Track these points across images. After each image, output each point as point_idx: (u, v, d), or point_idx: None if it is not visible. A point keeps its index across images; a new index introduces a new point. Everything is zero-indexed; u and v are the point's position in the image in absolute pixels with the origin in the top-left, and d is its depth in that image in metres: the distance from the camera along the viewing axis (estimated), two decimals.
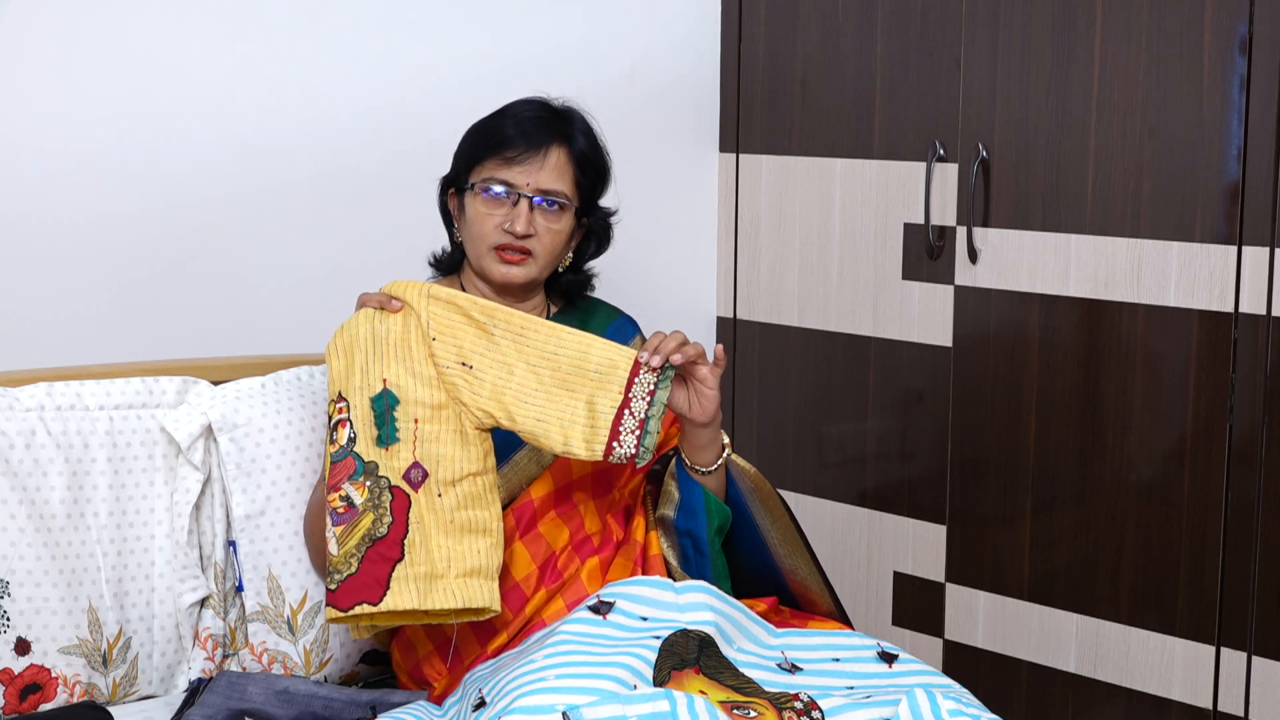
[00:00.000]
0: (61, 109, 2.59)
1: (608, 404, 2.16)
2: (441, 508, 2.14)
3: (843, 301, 3.21)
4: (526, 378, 2.17)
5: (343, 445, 2.12)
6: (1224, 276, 2.68)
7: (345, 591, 2.08)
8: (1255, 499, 2.70)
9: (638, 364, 2.17)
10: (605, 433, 2.15)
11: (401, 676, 2.35)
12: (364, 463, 2.12)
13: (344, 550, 2.09)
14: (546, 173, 2.33)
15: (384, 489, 2.12)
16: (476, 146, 2.37)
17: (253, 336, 2.77)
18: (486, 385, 2.17)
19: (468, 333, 2.18)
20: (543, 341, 2.18)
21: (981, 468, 3.03)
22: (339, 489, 2.12)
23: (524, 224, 2.31)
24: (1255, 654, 2.72)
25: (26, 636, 2.20)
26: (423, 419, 2.15)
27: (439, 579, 2.11)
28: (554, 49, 3.10)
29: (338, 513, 2.11)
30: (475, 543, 2.15)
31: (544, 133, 2.34)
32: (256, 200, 2.79)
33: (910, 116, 3.05)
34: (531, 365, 2.17)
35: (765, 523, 2.33)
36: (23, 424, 2.27)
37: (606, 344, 2.19)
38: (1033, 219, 2.90)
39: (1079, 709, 2.95)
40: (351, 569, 2.09)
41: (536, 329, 2.18)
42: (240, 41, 2.75)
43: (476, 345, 2.18)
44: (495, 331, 2.18)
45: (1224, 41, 2.64)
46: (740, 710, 1.93)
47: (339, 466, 2.12)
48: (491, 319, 2.18)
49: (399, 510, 2.11)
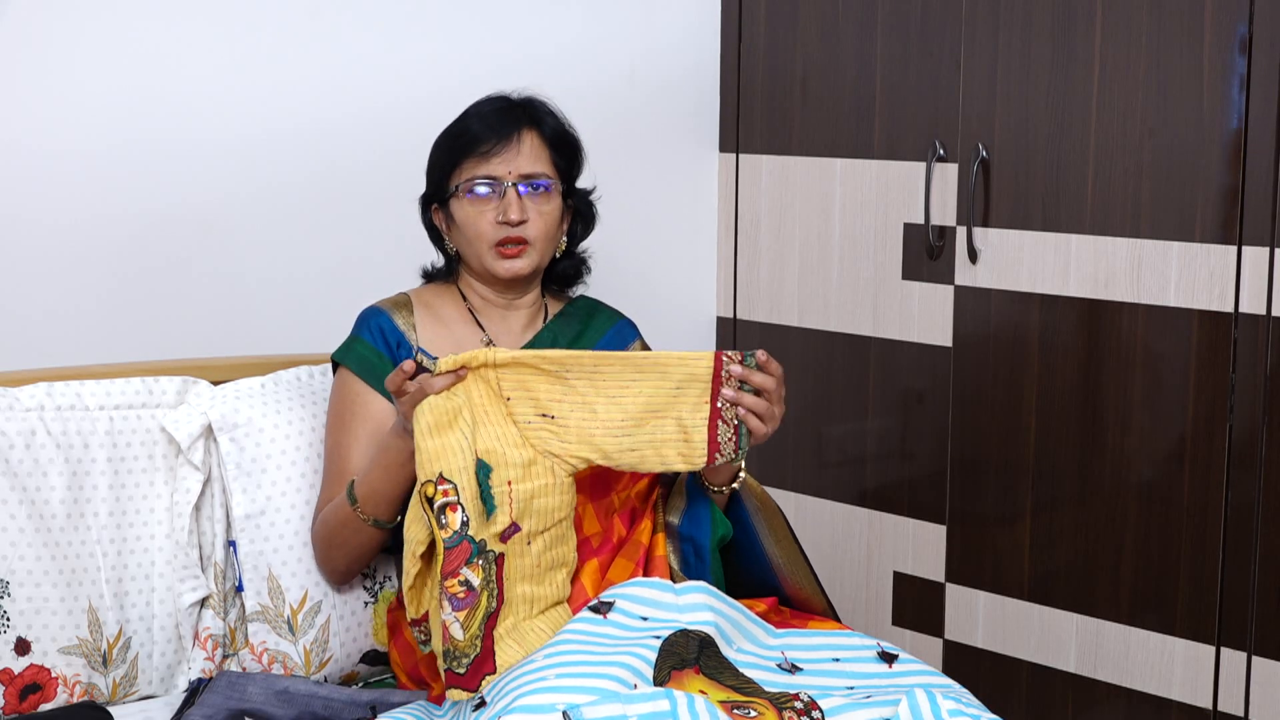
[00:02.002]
0: (61, 109, 2.59)
1: (698, 417, 2.15)
2: (528, 553, 2.13)
3: (843, 301, 3.21)
4: (611, 412, 2.15)
5: (456, 530, 2.07)
6: (1224, 276, 2.68)
7: (473, 673, 2.06)
8: (1255, 499, 2.70)
9: (719, 360, 2.15)
10: (703, 446, 2.15)
11: (401, 676, 2.35)
12: (476, 544, 2.08)
13: (469, 635, 2.06)
14: (524, 158, 2.34)
15: (491, 562, 2.10)
16: (449, 152, 2.37)
17: (253, 336, 2.77)
18: (573, 431, 2.15)
19: (540, 384, 2.15)
20: (618, 373, 2.15)
21: (981, 468, 3.03)
22: (458, 574, 2.07)
23: (517, 210, 2.32)
24: (1255, 654, 2.72)
25: (26, 636, 2.20)
26: (515, 480, 2.12)
27: (524, 620, 2.12)
28: (554, 49, 3.10)
29: (458, 598, 2.06)
30: (555, 576, 2.16)
31: (511, 121, 2.36)
32: (256, 200, 2.79)
33: (910, 116, 3.05)
34: (612, 398, 2.15)
35: (770, 543, 2.35)
36: (23, 424, 2.27)
37: (681, 356, 2.15)
38: (1033, 219, 2.90)
39: (1079, 709, 2.95)
40: (476, 650, 2.06)
41: (610, 362, 2.15)
42: (239, 41, 2.75)
43: (552, 393, 2.15)
44: (569, 376, 2.14)
45: (1224, 41, 2.64)
46: (740, 710, 1.93)
47: (454, 552, 2.07)
48: (562, 366, 2.14)
49: (500, 578, 2.10)
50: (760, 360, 2.17)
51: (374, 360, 2.36)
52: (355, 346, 2.38)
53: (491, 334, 2.42)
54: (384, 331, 2.38)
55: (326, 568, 2.35)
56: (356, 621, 2.40)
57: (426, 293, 2.45)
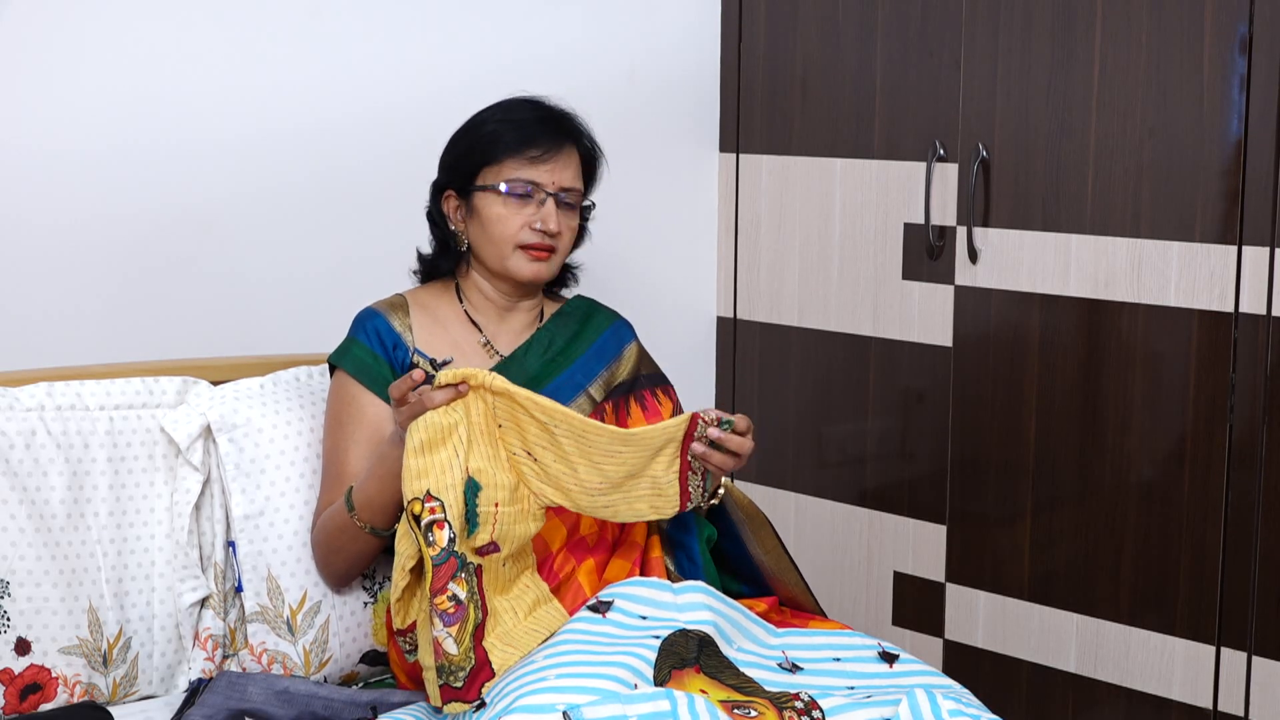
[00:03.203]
0: (61, 109, 2.59)
1: (671, 473, 2.17)
2: (502, 573, 2.16)
3: (843, 301, 3.21)
4: (590, 475, 2.16)
5: (444, 548, 2.08)
6: (1224, 276, 2.68)
7: (470, 684, 2.07)
8: (1255, 499, 2.70)
9: (695, 421, 2.16)
10: (675, 499, 2.19)
11: (401, 677, 2.35)
12: (461, 558, 2.10)
13: (463, 649, 2.07)
14: (569, 171, 2.36)
15: (472, 574, 2.11)
16: (490, 145, 2.36)
17: (252, 337, 2.77)
18: (550, 476, 2.17)
19: (529, 425, 2.15)
20: (605, 444, 2.15)
21: (981, 467, 3.03)
22: (445, 590, 2.08)
23: (555, 221, 2.33)
24: (1255, 654, 2.72)
25: (27, 636, 2.19)
26: (502, 502, 2.13)
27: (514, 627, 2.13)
28: (554, 49, 3.10)
29: (448, 614, 2.07)
30: (521, 580, 2.18)
31: (561, 131, 2.37)
32: (256, 200, 2.79)
33: (910, 116, 3.05)
34: (594, 464, 2.16)
35: (758, 551, 2.37)
36: (23, 424, 2.27)
37: (664, 427, 2.16)
38: (1033, 219, 2.90)
39: (1079, 709, 2.95)
40: (470, 662, 2.07)
41: (598, 433, 2.14)
42: (239, 41, 2.75)
43: (540, 439, 2.15)
44: (556, 431, 2.14)
45: (1224, 41, 2.64)
46: (741, 710, 1.93)
47: (442, 569, 2.08)
48: (552, 419, 2.14)
49: (481, 590, 2.12)
50: (740, 428, 2.19)
51: (370, 363, 2.35)
52: (352, 349, 2.38)
53: (489, 335, 2.42)
54: (380, 334, 2.37)
55: (326, 572, 2.35)
56: (356, 622, 2.40)
57: (423, 294, 2.45)
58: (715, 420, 2.16)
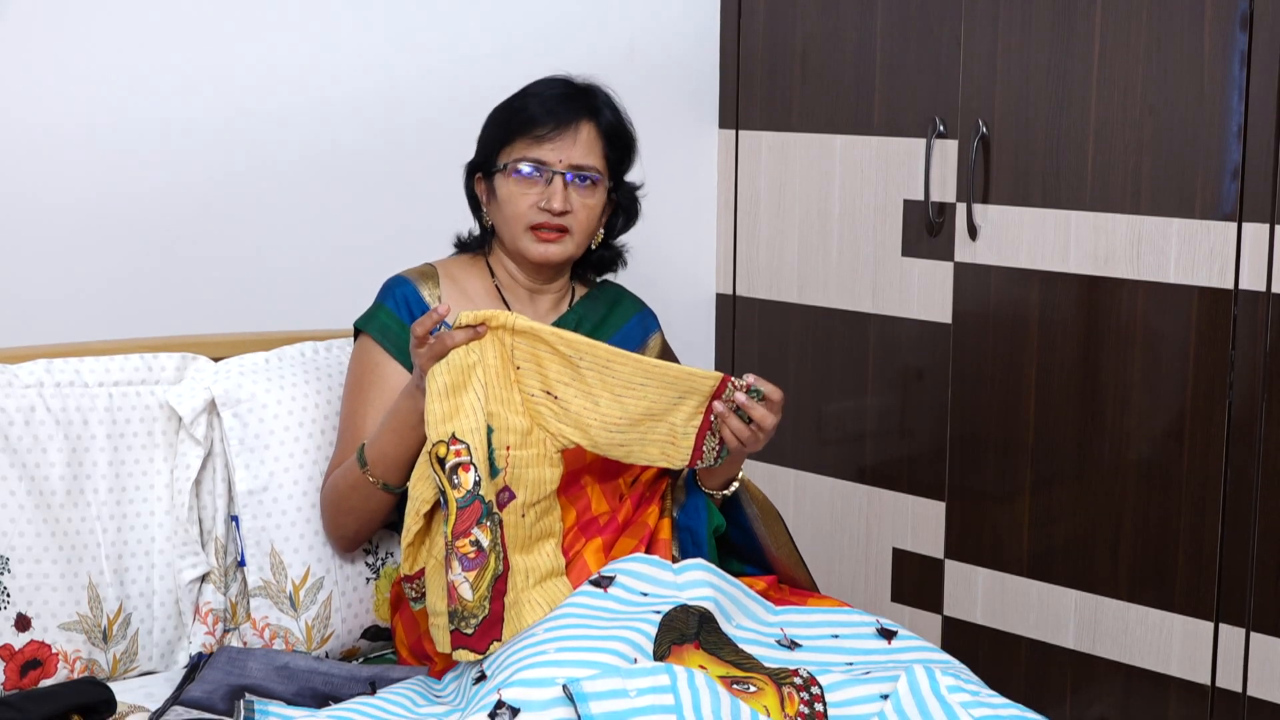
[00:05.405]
0: (61, 86, 2.58)
1: (690, 425, 2.18)
2: (522, 524, 2.14)
3: (842, 278, 3.20)
4: (611, 409, 2.16)
5: (469, 490, 2.08)
6: (1224, 253, 2.68)
7: (481, 634, 2.07)
8: (1254, 475, 2.70)
9: (725, 384, 2.16)
10: (687, 452, 2.19)
11: (402, 651, 2.35)
12: (485, 503, 2.10)
13: (478, 595, 2.07)
14: (579, 148, 2.35)
15: (496, 524, 2.11)
16: (503, 128, 2.37)
17: (253, 313, 2.76)
18: (571, 415, 2.16)
19: (552, 364, 2.15)
20: (629, 374, 2.15)
21: (981, 444, 3.03)
22: (469, 534, 2.08)
23: (561, 200, 2.32)
24: (1253, 630, 2.73)
25: (27, 613, 2.20)
26: (514, 445, 2.13)
27: (522, 593, 2.13)
28: (553, 24, 3.09)
29: (469, 559, 2.07)
30: (545, 546, 2.17)
31: (571, 109, 2.36)
32: (256, 177, 2.79)
33: (910, 93, 3.05)
34: (616, 396, 2.16)
35: (770, 543, 2.37)
36: (22, 400, 2.27)
37: (691, 372, 2.16)
38: (1033, 195, 2.90)
39: (1078, 685, 2.96)
40: (485, 611, 2.07)
41: (624, 361, 2.15)
42: (239, 18, 2.74)
43: (562, 376, 2.16)
44: (581, 364, 2.15)
45: (1225, 17, 2.63)
46: (740, 685, 1.94)
47: (466, 512, 2.08)
48: (577, 352, 2.14)
49: (504, 542, 2.11)
50: (774, 398, 2.18)
51: (396, 329, 2.36)
52: (378, 314, 2.38)
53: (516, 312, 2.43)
54: (408, 301, 2.38)
55: (335, 534, 2.35)
56: (358, 597, 2.40)
57: (453, 265, 2.45)
58: (746, 386, 2.17)
